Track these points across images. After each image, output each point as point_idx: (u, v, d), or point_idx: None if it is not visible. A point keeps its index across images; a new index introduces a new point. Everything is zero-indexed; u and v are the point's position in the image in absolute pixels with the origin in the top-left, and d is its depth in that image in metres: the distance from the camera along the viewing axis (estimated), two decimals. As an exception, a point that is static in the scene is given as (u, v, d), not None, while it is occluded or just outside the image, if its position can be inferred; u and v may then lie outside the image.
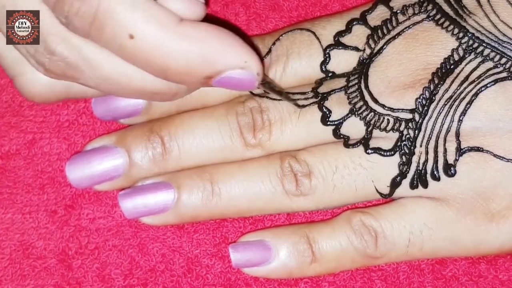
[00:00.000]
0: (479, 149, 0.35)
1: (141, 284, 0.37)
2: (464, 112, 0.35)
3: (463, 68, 0.35)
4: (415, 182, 0.35)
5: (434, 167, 0.35)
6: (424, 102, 0.35)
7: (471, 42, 0.35)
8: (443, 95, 0.35)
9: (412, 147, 0.35)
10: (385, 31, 0.37)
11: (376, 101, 0.36)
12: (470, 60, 0.35)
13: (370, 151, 0.35)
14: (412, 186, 0.35)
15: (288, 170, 0.36)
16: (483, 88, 0.35)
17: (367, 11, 0.37)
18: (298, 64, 0.37)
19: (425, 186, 0.35)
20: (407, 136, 0.35)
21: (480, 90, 0.35)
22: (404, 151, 0.35)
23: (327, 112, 0.36)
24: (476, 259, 0.37)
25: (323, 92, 0.36)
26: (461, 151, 0.35)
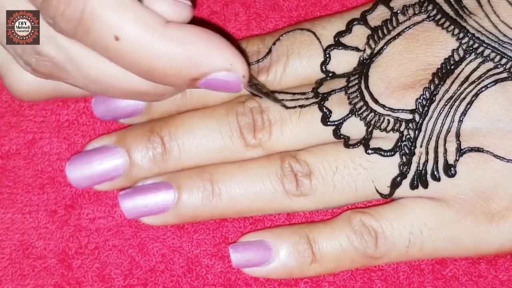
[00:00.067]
0: (479, 149, 0.35)
1: (141, 284, 0.37)
2: (464, 113, 0.35)
3: (464, 68, 0.35)
4: (415, 182, 0.35)
5: (434, 168, 0.35)
6: (424, 103, 0.35)
7: (471, 42, 0.35)
8: (443, 95, 0.35)
9: (412, 148, 0.35)
10: (385, 31, 0.37)
11: (376, 101, 0.36)
12: (471, 61, 0.35)
13: (370, 151, 0.35)
14: (412, 187, 0.35)
15: (288, 170, 0.36)
16: (484, 89, 0.35)
17: (368, 11, 0.37)
18: (299, 64, 0.37)
19: (425, 186, 0.35)
20: (407, 136, 0.35)
21: (480, 91, 0.35)
22: (404, 151, 0.35)
23: (327, 113, 0.36)
24: (476, 259, 0.37)
25: (324, 92, 0.36)
26: (461, 152, 0.35)
